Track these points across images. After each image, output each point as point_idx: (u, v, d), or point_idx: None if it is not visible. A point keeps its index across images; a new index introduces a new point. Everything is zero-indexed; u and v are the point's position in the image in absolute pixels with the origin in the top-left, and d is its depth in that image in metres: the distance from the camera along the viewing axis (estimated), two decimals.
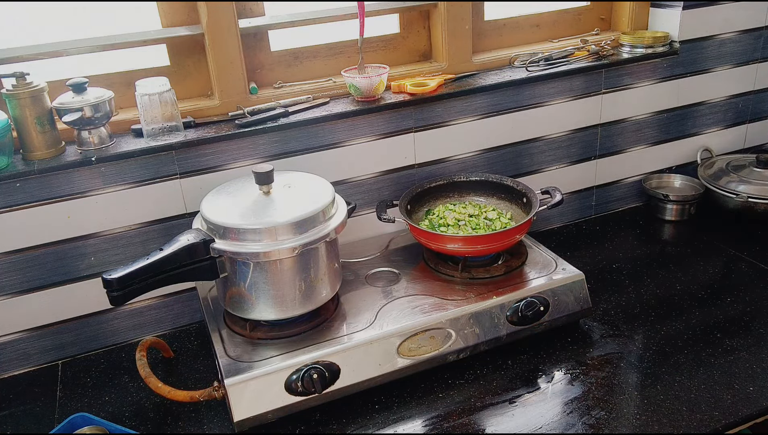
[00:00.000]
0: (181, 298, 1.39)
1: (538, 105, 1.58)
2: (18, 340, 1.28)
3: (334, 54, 1.49)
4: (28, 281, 1.25)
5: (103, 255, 1.29)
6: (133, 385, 1.23)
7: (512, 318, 1.22)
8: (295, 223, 1.08)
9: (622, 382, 1.15)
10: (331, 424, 1.10)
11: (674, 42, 1.66)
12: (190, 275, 1.10)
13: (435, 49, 1.56)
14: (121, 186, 1.26)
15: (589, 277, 1.30)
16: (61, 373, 1.29)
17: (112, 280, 1.00)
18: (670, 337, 1.26)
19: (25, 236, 1.22)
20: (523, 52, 1.61)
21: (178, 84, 1.36)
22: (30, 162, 1.19)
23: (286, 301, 1.14)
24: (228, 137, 1.29)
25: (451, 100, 1.48)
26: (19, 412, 1.20)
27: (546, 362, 1.21)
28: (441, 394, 1.15)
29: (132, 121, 1.31)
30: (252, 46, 1.40)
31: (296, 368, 1.09)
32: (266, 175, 1.13)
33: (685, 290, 1.41)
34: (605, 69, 1.61)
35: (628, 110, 1.70)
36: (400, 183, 1.49)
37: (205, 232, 1.10)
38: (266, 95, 1.40)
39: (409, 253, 1.42)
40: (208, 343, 1.24)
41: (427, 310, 1.20)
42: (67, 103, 1.18)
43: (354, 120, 1.40)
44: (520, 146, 1.61)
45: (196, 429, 1.11)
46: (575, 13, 1.72)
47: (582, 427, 1.05)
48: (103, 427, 1.04)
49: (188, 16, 1.33)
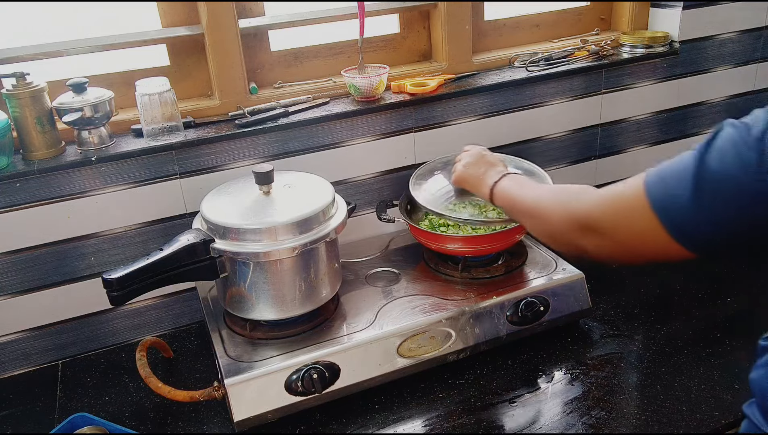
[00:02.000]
0: (181, 298, 1.39)
1: (538, 105, 1.58)
2: (18, 340, 1.28)
3: (334, 54, 1.49)
4: (28, 281, 1.25)
5: (103, 255, 1.29)
6: (133, 385, 1.23)
7: (512, 318, 1.22)
8: (295, 223, 1.08)
9: (622, 382, 1.15)
10: (331, 424, 1.10)
11: (674, 42, 1.66)
12: (190, 275, 1.10)
13: (435, 49, 1.56)
14: (121, 186, 1.26)
15: (589, 277, 1.30)
16: (61, 373, 1.29)
17: (112, 280, 1.00)
18: (670, 337, 1.26)
19: (25, 236, 1.22)
20: (523, 52, 1.61)
21: (178, 84, 1.36)
22: (30, 162, 1.19)
23: (286, 301, 1.14)
24: (228, 137, 1.29)
25: (451, 100, 1.48)
26: (19, 412, 1.20)
27: (546, 362, 1.21)
28: (441, 394, 1.15)
29: (132, 121, 1.31)
30: (252, 46, 1.40)
31: (296, 368, 1.09)
32: (266, 175, 1.13)
33: (685, 290, 1.41)
34: (605, 69, 1.61)
35: (628, 110, 1.70)
36: (400, 183, 1.49)
37: (205, 232, 1.10)
38: (266, 95, 1.40)
39: (409, 253, 1.42)
40: (208, 343, 1.24)
41: (427, 310, 1.20)
42: (67, 103, 1.18)
43: (354, 120, 1.40)
44: (520, 146, 1.61)
45: (196, 429, 1.11)
46: (575, 13, 1.72)
47: (582, 427, 1.05)
48: (103, 427, 1.04)
49: (188, 16, 1.33)
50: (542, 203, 0.93)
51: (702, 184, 0.68)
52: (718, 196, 0.68)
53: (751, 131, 0.67)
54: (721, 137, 0.69)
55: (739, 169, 0.66)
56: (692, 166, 0.69)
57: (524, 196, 0.99)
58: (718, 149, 0.68)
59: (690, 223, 0.70)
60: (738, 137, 0.67)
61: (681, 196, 0.70)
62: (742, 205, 0.67)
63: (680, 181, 0.70)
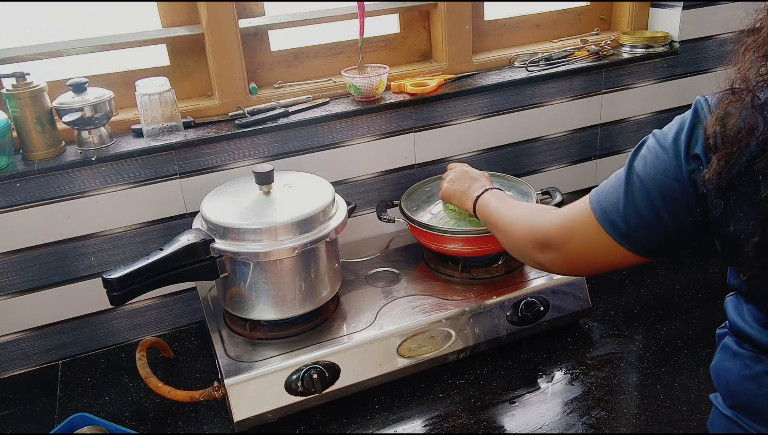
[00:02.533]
0: (181, 298, 1.39)
1: (538, 105, 1.58)
2: (18, 340, 1.28)
3: (334, 54, 1.49)
4: (28, 281, 1.25)
5: (103, 255, 1.29)
6: (133, 385, 1.23)
7: (512, 318, 1.22)
8: (295, 223, 1.08)
9: (622, 382, 1.15)
10: (331, 424, 1.10)
11: (674, 42, 1.66)
12: (190, 275, 1.10)
13: (435, 49, 1.56)
14: (121, 186, 1.26)
15: (589, 277, 1.30)
16: (61, 373, 1.29)
17: (112, 280, 1.00)
18: (670, 337, 1.26)
19: (25, 236, 1.22)
20: (523, 52, 1.61)
21: (178, 84, 1.36)
22: (30, 162, 1.19)
23: (286, 301, 1.14)
24: (228, 137, 1.29)
25: (451, 100, 1.48)
26: (19, 412, 1.20)
27: (546, 362, 1.21)
28: (441, 394, 1.15)
29: (132, 121, 1.31)
30: (252, 46, 1.40)
31: (296, 368, 1.09)
32: (266, 175, 1.13)
33: (685, 290, 1.41)
34: (605, 69, 1.61)
35: (628, 110, 1.70)
36: (400, 183, 1.49)
37: (205, 232, 1.10)
38: (266, 95, 1.40)
39: (409, 253, 1.42)
40: (208, 343, 1.24)
41: (427, 310, 1.20)
42: (67, 103, 1.18)
43: (354, 120, 1.40)
44: (520, 146, 1.61)
45: (196, 429, 1.11)
46: (575, 13, 1.72)
47: (582, 427, 1.05)
48: (103, 427, 1.04)
49: (188, 16, 1.33)
50: (510, 220, 1.01)
51: (632, 189, 0.76)
52: (647, 200, 0.74)
53: (666, 137, 0.74)
54: (646, 145, 0.77)
55: (660, 173, 0.73)
56: (624, 175, 0.77)
57: (498, 212, 1.06)
58: (642, 157, 0.76)
59: (629, 228, 0.77)
60: (656, 144, 0.75)
61: (617, 204, 0.77)
62: (666, 202, 0.73)
63: (616, 190, 0.78)
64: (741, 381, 0.76)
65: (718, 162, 0.67)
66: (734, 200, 0.67)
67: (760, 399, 0.74)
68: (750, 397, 0.75)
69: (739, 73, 0.68)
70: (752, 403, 0.75)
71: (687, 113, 0.74)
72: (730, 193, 0.67)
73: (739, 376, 0.76)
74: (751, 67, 0.67)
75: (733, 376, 0.78)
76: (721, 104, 0.69)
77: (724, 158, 0.66)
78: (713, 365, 0.82)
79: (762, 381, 0.74)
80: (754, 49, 0.67)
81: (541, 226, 0.90)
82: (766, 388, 0.73)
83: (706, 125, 0.70)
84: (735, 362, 0.78)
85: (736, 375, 0.77)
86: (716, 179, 0.67)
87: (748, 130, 0.65)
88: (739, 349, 0.77)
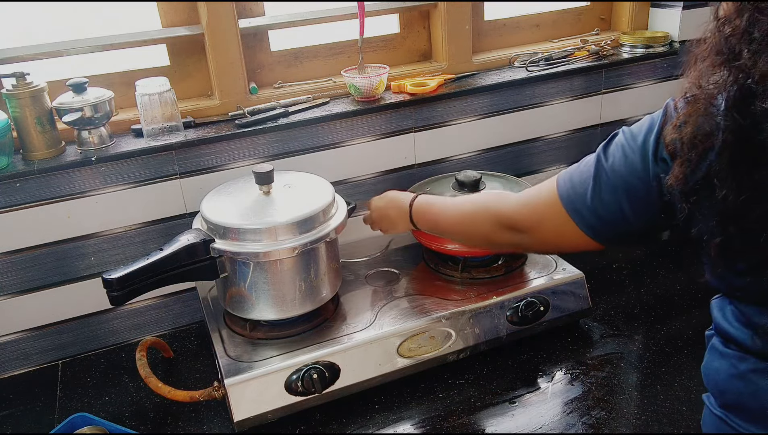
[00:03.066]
0: (181, 298, 1.39)
1: (538, 105, 1.58)
2: (18, 340, 1.29)
3: (334, 54, 1.49)
4: (28, 281, 1.25)
5: (103, 255, 1.29)
6: (133, 385, 1.23)
7: (512, 318, 1.22)
8: (295, 223, 1.08)
9: (622, 382, 1.15)
10: (331, 424, 1.10)
11: (674, 42, 1.66)
12: (190, 275, 1.10)
13: (435, 49, 1.56)
14: (121, 186, 1.26)
15: (589, 277, 1.30)
16: (61, 373, 1.29)
17: (112, 280, 1.00)
18: (670, 337, 1.26)
19: (25, 236, 1.22)
20: (523, 52, 1.61)
21: (178, 84, 1.36)
22: (30, 162, 1.19)
23: (286, 301, 1.14)
24: (228, 137, 1.29)
25: (451, 100, 1.48)
26: (19, 412, 1.20)
27: (546, 362, 1.21)
28: (441, 394, 1.15)
29: (132, 121, 1.31)
30: (252, 46, 1.40)
31: (296, 368, 1.09)
32: (266, 175, 1.13)
33: (685, 290, 1.41)
34: (605, 69, 1.61)
35: (628, 110, 1.70)
36: (400, 183, 1.49)
37: (205, 232, 1.10)
38: (266, 95, 1.40)
39: (409, 253, 1.42)
40: (208, 343, 1.23)
41: (427, 310, 1.20)
42: (67, 103, 1.18)
43: (354, 120, 1.40)
44: (520, 146, 1.61)
45: (196, 429, 1.11)
46: (575, 13, 1.72)
47: (582, 427, 1.05)
48: (103, 427, 1.04)
49: (188, 16, 1.33)
50: (468, 212, 1.03)
51: (599, 182, 0.79)
52: (612, 194, 0.78)
53: (636, 138, 0.77)
54: (615, 142, 0.80)
55: (627, 171, 0.77)
56: (592, 166, 0.81)
57: (446, 212, 1.08)
58: (611, 153, 0.79)
59: (593, 217, 0.81)
60: (626, 143, 0.78)
61: (584, 194, 0.81)
62: (632, 201, 0.77)
63: (584, 180, 0.82)
64: (728, 380, 0.77)
65: (679, 168, 0.69)
66: (694, 203, 0.69)
67: (747, 397, 0.75)
68: (738, 395, 0.76)
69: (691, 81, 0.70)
70: (740, 402, 0.76)
71: (657, 113, 0.76)
72: (691, 197, 0.69)
73: (727, 375, 0.77)
74: (702, 76, 0.68)
75: (720, 375, 0.78)
76: (679, 113, 0.71)
77: (684, 164, 0.68)
78: (703, 366, 0.83)
79: (748, 379, 0.74)
80: (703, 59, 0.68)
81: (505, 208, 0.94)
82: (753, 386, 0.74)
83: (664, 133, 0.72)
84: (722, 362, 0.78)
85: (723, 374, 0.78)
86: (679, 185, 0.69)
87: (703, 137, 0.67)
88: (725, 349, 0.78)
